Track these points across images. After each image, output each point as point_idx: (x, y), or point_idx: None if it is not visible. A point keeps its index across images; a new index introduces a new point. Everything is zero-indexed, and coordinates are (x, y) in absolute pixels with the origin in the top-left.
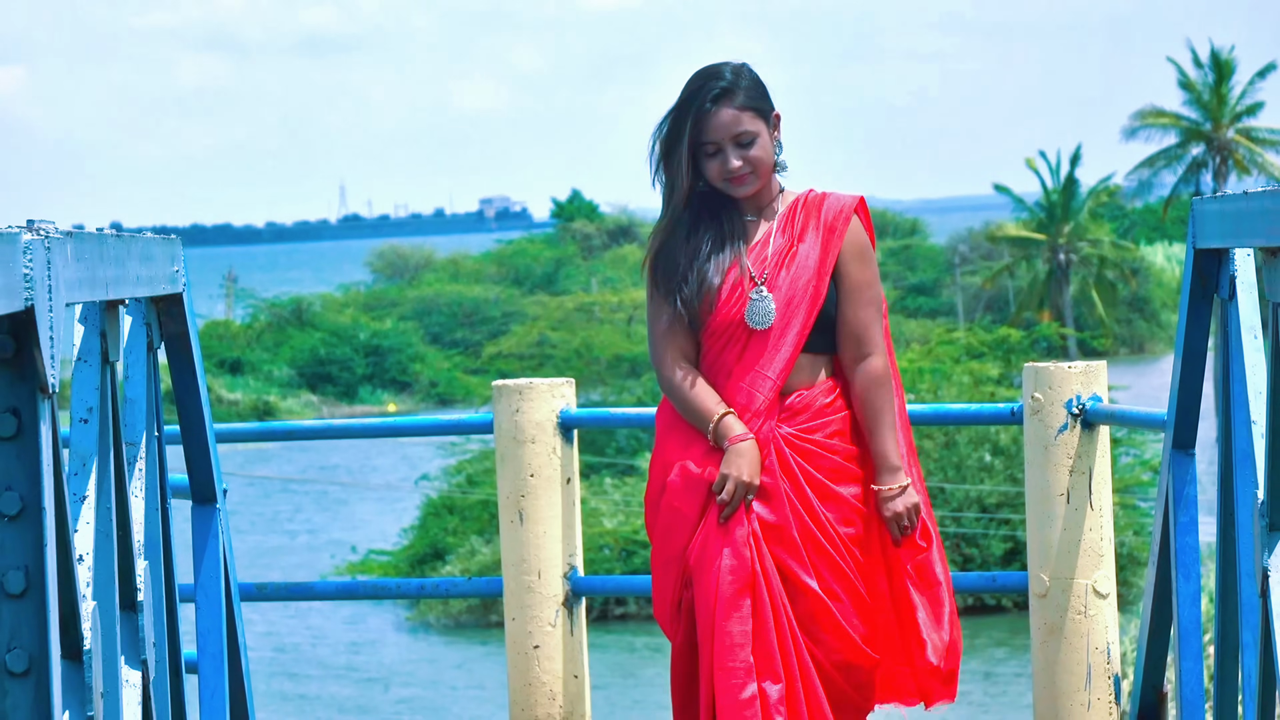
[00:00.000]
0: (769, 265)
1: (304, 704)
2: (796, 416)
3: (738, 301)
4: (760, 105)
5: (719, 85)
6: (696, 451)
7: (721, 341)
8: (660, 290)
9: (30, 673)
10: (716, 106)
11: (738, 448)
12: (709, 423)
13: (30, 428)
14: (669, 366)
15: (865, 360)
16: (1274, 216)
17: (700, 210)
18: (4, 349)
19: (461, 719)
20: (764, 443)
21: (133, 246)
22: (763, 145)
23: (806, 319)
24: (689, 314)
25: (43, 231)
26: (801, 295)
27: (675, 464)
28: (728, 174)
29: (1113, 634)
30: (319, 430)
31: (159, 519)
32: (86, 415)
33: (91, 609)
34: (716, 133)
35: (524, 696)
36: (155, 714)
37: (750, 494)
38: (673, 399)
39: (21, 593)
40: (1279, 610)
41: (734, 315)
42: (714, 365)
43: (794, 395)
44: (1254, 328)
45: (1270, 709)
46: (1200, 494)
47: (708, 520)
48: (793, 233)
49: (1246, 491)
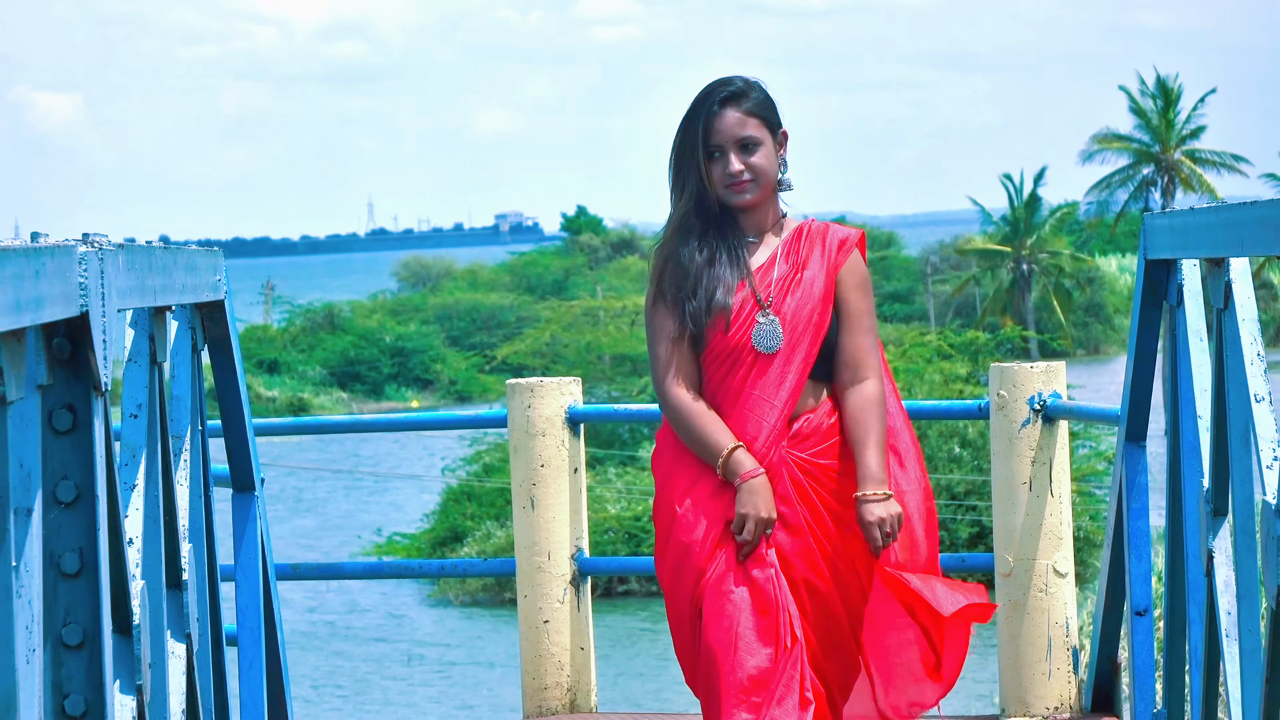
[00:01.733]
0: (774, 290)
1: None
2: (805, 441)
3: (745, 325)
4: (768, 117)
5: (728, 90)
6: (706, 487)
7: (726, 366)
8: (668, 300)
9: (84, 645)
10: (723, 109)
11: (750, 485)
12: (718, 457)
13: (85, 422)
14: (675, 393)
15: (862, 383)
16: (1216, 231)
17: (706, 227)
18: (61, 351)
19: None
20: (776, 468)
21: (179, 257)
22: (766, 155)
23: (812, 345)
24: (695, 328)
25: (97, 244)
26: (807, 321)
27: (684, 500)
28: (728, 178)
29: (1071, 610)
30: (349, 424)
31: (202, 505)
32: (136, 411)
33: (140, 587)
34: (720, 135)
35: (535, 666)
36: (198, 684)
37: (769, 529)
38: (678, 427)
39: (76, 573)
40: (1222, 588)
41: (741, 339)
42: (719, 390)
43: (801, 420)
44: (1199, 331)
45: (1214, 678)
46: (1150, 482)
47: (724, 556)
48: (797, 259)
49: (1193, 480)
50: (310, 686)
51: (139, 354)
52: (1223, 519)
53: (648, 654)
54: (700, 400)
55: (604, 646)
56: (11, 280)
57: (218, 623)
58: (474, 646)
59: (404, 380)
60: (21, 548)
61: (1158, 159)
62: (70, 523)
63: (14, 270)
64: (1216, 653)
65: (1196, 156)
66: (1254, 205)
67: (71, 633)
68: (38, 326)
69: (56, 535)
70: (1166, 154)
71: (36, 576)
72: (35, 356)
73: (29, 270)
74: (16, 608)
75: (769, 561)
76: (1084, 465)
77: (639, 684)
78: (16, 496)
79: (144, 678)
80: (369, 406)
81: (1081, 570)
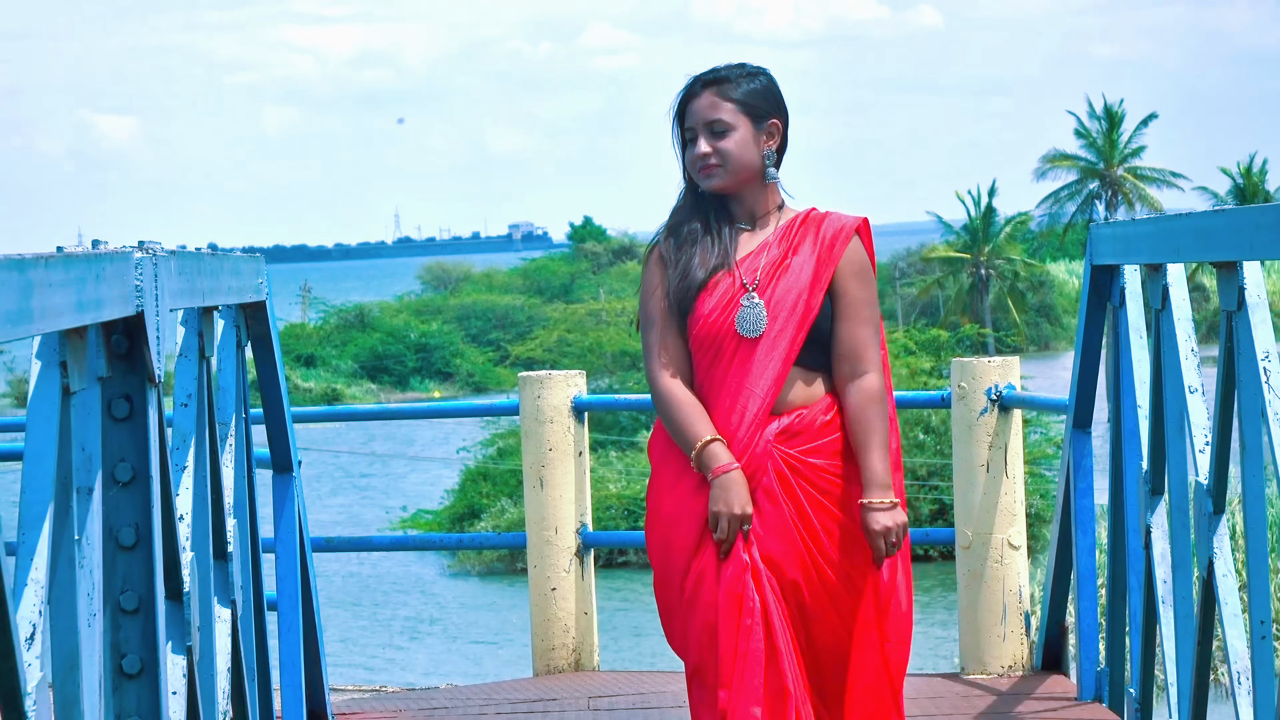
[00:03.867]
0: (761, 274)
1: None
2: (797, 438)
3: (729, 309)
4: (753, 104)
5: (712, 74)
6: (689, 483)
7: (711, 352)
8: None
9: (139, 611)
10: (702, 91)
11: (722, 480)
12: (692, 448)
13: (140, 410)
14: (660, 380)
15: (861, 377)
16: (1155, 240)
17: (697, 212)
18: (119, 346)
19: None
20: (760, 460)
21: (224, 263)
22: (738, 141)
23: (797, 331)
24: (679, 310)
25: (151, 250)
26: (792, 306)
27: (667, 496)
28: (697, 160)
29: (1024, 579)
30: (377, 413)
31: (245, 484)
32: (186, 400)
33: (190, 558)
34: (692, 117)
35: (543, 629)
36: (242, 645)
37: (745, 525)
38: (661, 415)
39: (133, 545)
40: (1159, 558)
41: (725, 323)
42: (705, 379)
43: (794, 416)
44: (1139, 330)
45: (1151, 639)
46: (1094, 464)
47: (703, 554)
48: (789, 245)
49: (1133, 463)
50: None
51: (189, 349)
52: (1159, 498)
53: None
54: (685, 388)
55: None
56: (75, 283)
57: (259, 590)
58: (489, 611)
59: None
60: (84, 523)
61: (1103, 175)
62: (127, 500)
63: (77, 274)
64: (1154, 617)
65: (1138, 173)
66: (1188, 216)
67: (128, 599)
68: (98, 324)
69: (115, 512)
70: (1110, 171)
71: (97, 549)
72: (96, 351)
73: (90, 274)
74: (79, 577)
75: (744, 561)
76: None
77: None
78: (79, 477)
79: (193, 639)
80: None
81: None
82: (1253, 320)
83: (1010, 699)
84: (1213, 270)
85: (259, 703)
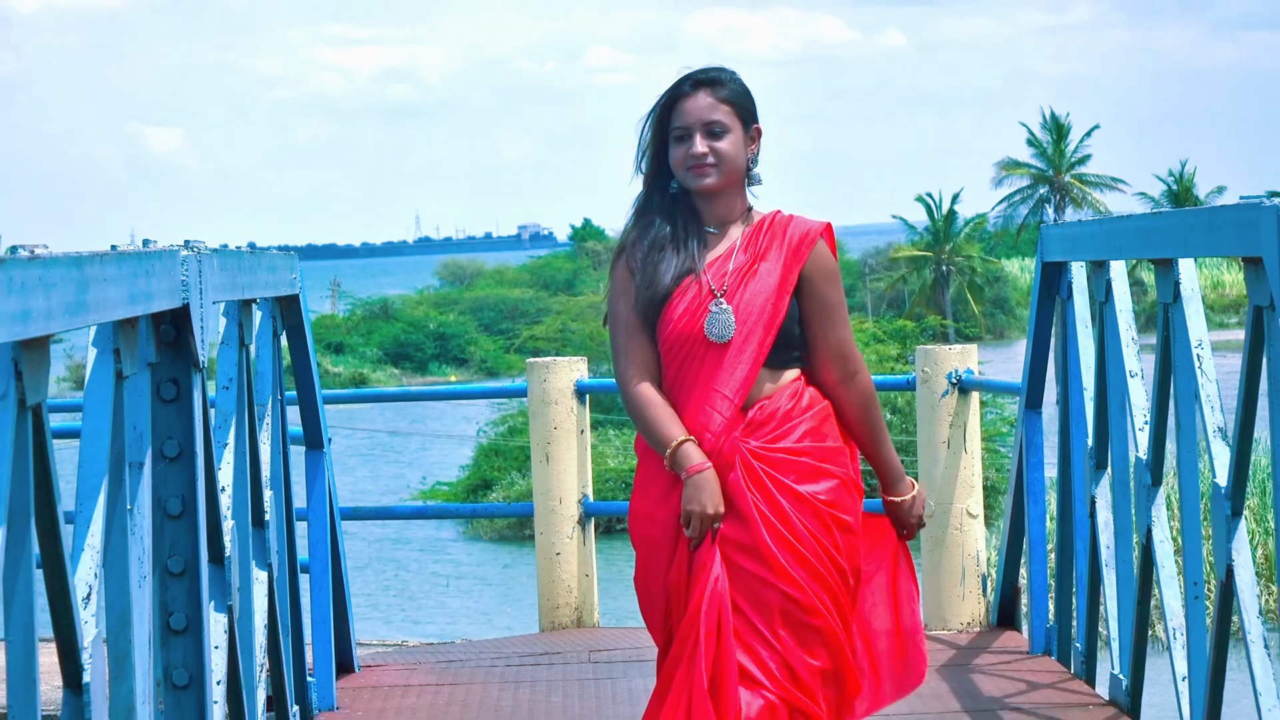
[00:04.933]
0: (729, 279)
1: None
2: (761, 428)
3: (698, 314)
4: (742, 105)
5: (704, 74)
6: (660, 484)
7: (680, 356)
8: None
9: (185, 573)
10: (695, 91)
11: (695, 480)
12: (665, 449)
13: (186, 392)
14: (630, 384)
15: (854, 377)
16: (1099, 239)
17: (670, 214)
18: (167, 335)
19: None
20: (729, 456)
21: (262, 259)
22: (733, 143)
23: (765, 335)
24: (647, 317)
25: (195, 248)
26: (760, 312)
27: (642, 495)
28: (691, 159)
29: (981, 544)
30: (400, 394)
31: (281, 459)
32: (228, 384)
33: (230, 526)
34: (689, 116)
35: (549, 590)
36: (278, 604)
37: (716, 523)
38: (633, 417)
39: (179, 514)
40: (1102, 526)
41: (694, 328)
42: (675, 382)
43: (755, 408)
44: (1085, 320)
45: (1095, 599)
46: (1044, 441)
47: (681, 553)
48: (755, 250)
49: (1079, 440)
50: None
51: (230, 338)
52: (1103, 471)
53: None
54: (655, 391)
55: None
56: (127, 278)
57: (293, 555)
58: (499, 573)
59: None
60: (135, 494)
61: (1052, 181)
62: (174, 474)
63: (129, 270)
64: (1098, 579)
65: (1083, 179)
66: (1129, 218)
67: (175, 563)
68: (148, 315)
69: (163, 484)
70: (1059, 177)
71: (147, 517)
72: (146, 340)
73: (141, 270)
74: (130, 543)
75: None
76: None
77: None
78: (131, 453)
79: (234, 599)
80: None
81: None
82: (1187, 312)
83: (969, 652)
84: (1151, 266)
85: (293, 656)
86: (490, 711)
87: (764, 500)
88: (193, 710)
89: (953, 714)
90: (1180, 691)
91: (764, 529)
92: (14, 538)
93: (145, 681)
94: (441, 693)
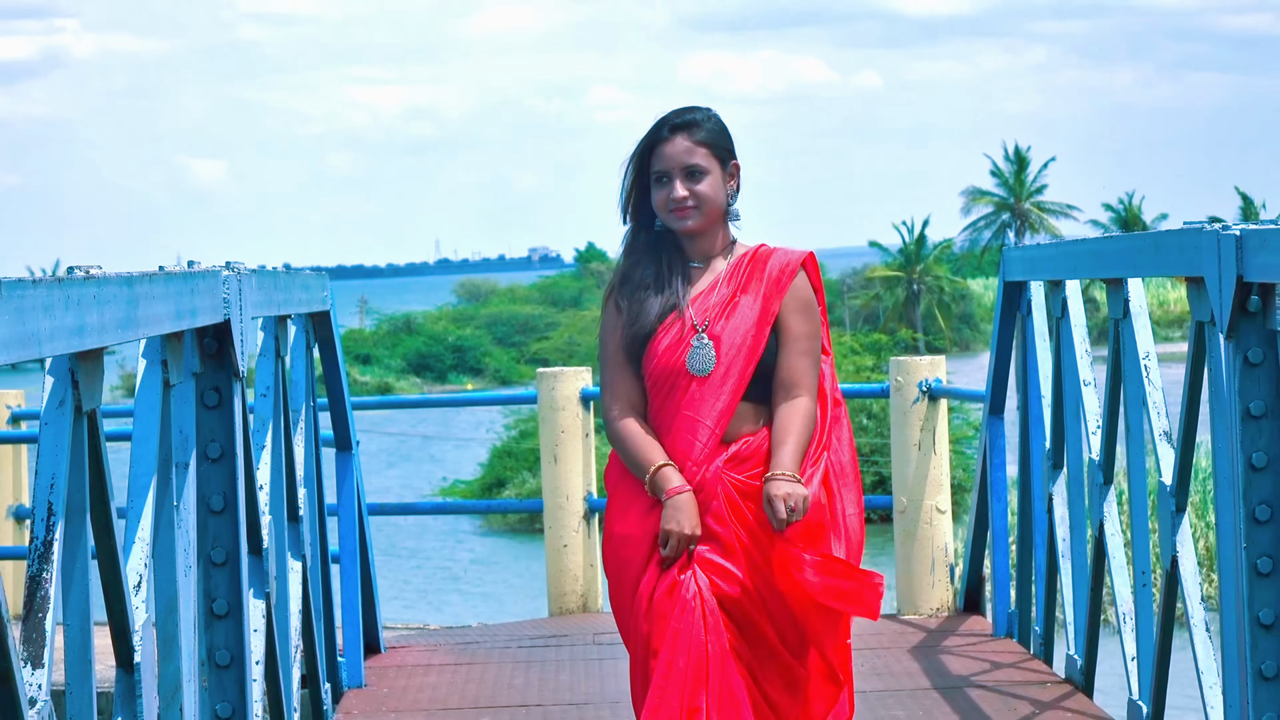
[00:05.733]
0: (711, 313)
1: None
2: (744, 464)
3: (680, 348)
4: (719, 145)
5: (682, 118)
6: (641, 506)
7: (665, 389)
8: (612, 325)
9: (227, 563)
10: (673, 135)
11: (675, 501)
12: (646, 473)
13: (227, 400)
14: (615, 416)
15: (794, 400)
16: (1056, 260)
17: (651, 254)
18: (210, 348)
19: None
20: (711, 486)
21: (296, 279)
22: (712, 184)
23: (745, 368)
24: (632, 353)
25: (236, 269)
26: (740, 345)
27: (620, 519)
28: (672, 203)
29: (949, 537)
30: (421, 401)
31: (313, 460)
32: (265, 391)
33: (268, 521)
34: (668, 160)
35: (557, 578)
36: (311, 591)
37: (692, 545)
38: (616, 448)
39: (221, 510)
40: (1059, 521)
41: (676, 362)
42: (658, 414)
43: (740, 443)
44: (1044, 335)
45: (1053, 587)
46: (1006, 444)
47: (652, 568)
48: (737, 284)
49: (1038, 443)
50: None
51: (267, 350)
52: (1059, 471)
53: None
54: (636, 421)
55: None
56: (174, 296)
57: (325, 546)
58: (512, 563)
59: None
60: (181, 492)
61: (1013, 208)
62: (216, 473)
63: (175, 289)
64: (1055, 569)
65: (1042, 206)
66: (1082, 241)
67: (218, 554)
68: (193, 329)
69: (206, 482)
70: (1019, 204)
71: (192, 512)
72: (191, 351)
73: (186, 289)
74: (177, 536)
75: (689, 571)
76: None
77: None
78: (177, 454)
79: (271, 587)
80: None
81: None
82: (1135, 327)
83: (937, 635)
84: (1103, 285)
85: (324, 638)
86: (504, 689)
87: (745, 534)
88: (234, 688)
89: (923, 691)
90: (1129, 670)
91: (744, 560)
92: (71, 531)
93: (190, 661)
94: (460, 671)
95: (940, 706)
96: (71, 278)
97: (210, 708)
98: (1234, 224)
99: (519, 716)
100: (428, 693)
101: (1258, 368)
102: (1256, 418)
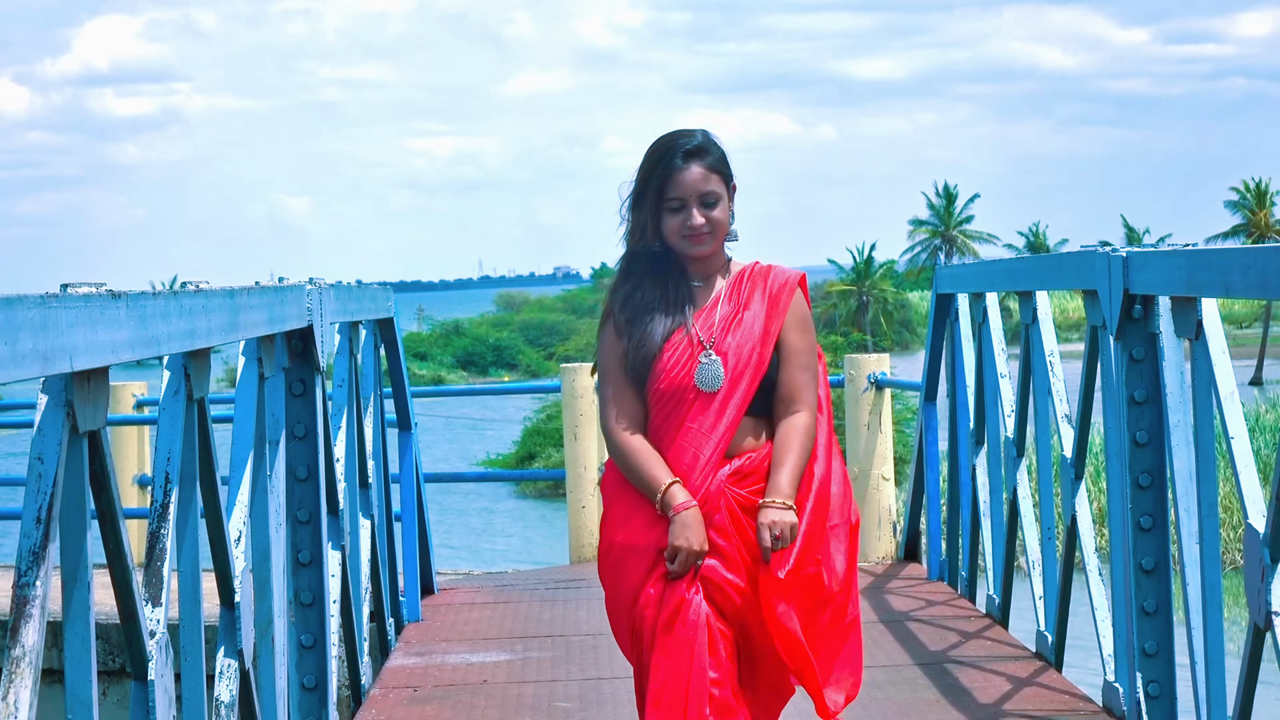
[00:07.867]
0: (716, 330)
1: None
2: (747, 479)
3: (687, 364)
4: (725, 171)
5: (692, 143)
6: (641, 518)
7: (670, 404)
8: (614, 342)
9: (310, 521)
10: (687, 164)
11: (683, 518)
12: (656, 492)
13: (310, 389)
14: (618, 432)
15: (794, 415)
16: (978, 277)
17: (653, 273)
18: (296, 347)
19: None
20: (714, 499)
21: (366, 291)
22: (723, 209)
23: (751, 383)
24: (638, 371)
25: (317, 283)
26: (747, 360)
27: (621, 529)
28: (689, 230)
29: (892, 500)
30: (468, 390)
31: (380, 438)
32: (341, 383)
33: (343, 487)
34: (684, 189)
35: (577, 533)
36: (378, 544)
37: (699, 560)
38: (621, 464)
39: (305, 478)
40: (981, 487)
41: (683, 378)
42: (661, 428)
43: (743, 459)
44: (968, 337)
45: (977, 540)
46: (939, 424)
47: (654, 578)
48: (739, 300)
49: (964, 423)
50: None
51: (342, 350)
52: (982, 447)
53: None
54: (641, 437)
55: None
56: (267, 305)
57: (389, 508)
58: (539, 522)
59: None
60: (273, 463)
61: (944, 235)
62: (301, 449)
63: (269, 300)
64: (977, 525)
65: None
66: (999, 262)
67: (302, 514)
68: (283, 333)
69: (293, 456)
70: (949, 232)
71: (281, 480)
72: (281, 350)
73: (277, 300)
74: (270, 499)
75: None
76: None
77: None
78: (270, 433)
79: (345, 541)
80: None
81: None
82: (1042, 330)
83: (883, 579)
84: (1016, 297)
85: (389, 582)
86: (534, 622)
87: (745, 546)
88: (315, 622)
89: (870, 624)
90: (1038, 607)
91: (745, 573)
92: (184, 496)
93: (280, 601)
94: (498, 608)
95: (886, 637)
96: (184, 290)
97: (296, 638)
98: (1121, 247)
99: (545, 644)
100: (472, 625)
101: (1141, 363)
102: (1140, 403)
